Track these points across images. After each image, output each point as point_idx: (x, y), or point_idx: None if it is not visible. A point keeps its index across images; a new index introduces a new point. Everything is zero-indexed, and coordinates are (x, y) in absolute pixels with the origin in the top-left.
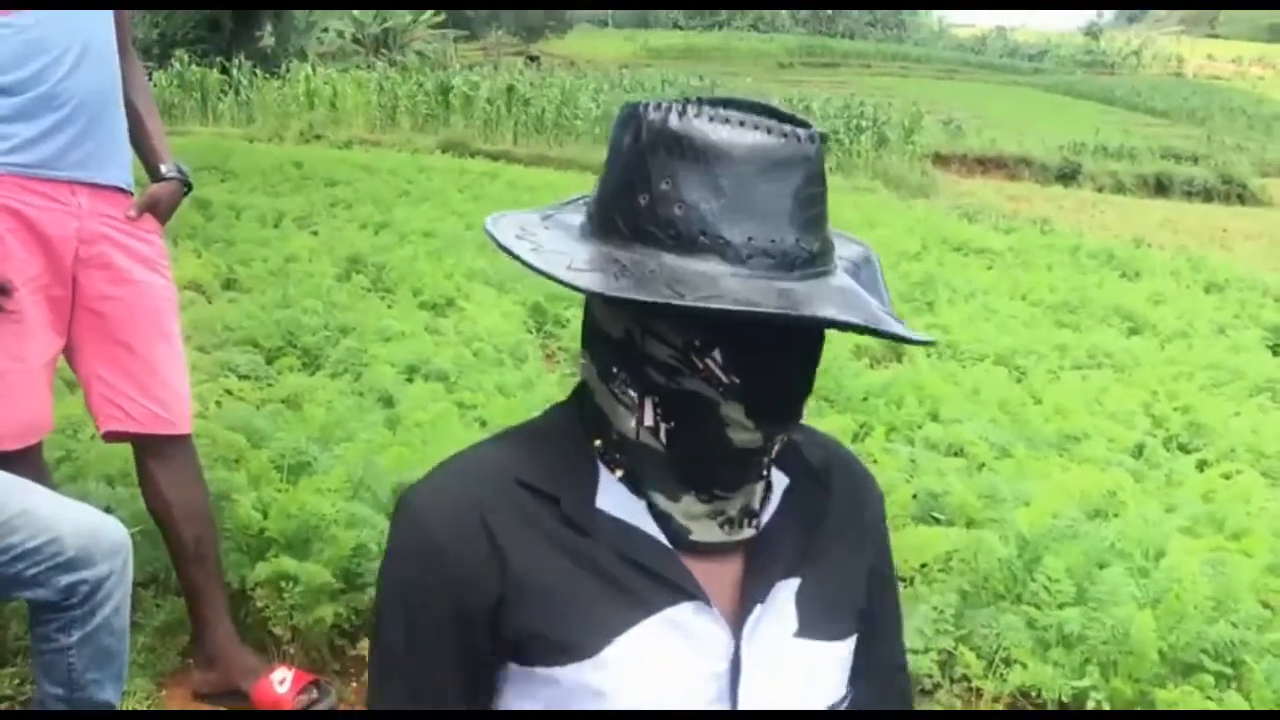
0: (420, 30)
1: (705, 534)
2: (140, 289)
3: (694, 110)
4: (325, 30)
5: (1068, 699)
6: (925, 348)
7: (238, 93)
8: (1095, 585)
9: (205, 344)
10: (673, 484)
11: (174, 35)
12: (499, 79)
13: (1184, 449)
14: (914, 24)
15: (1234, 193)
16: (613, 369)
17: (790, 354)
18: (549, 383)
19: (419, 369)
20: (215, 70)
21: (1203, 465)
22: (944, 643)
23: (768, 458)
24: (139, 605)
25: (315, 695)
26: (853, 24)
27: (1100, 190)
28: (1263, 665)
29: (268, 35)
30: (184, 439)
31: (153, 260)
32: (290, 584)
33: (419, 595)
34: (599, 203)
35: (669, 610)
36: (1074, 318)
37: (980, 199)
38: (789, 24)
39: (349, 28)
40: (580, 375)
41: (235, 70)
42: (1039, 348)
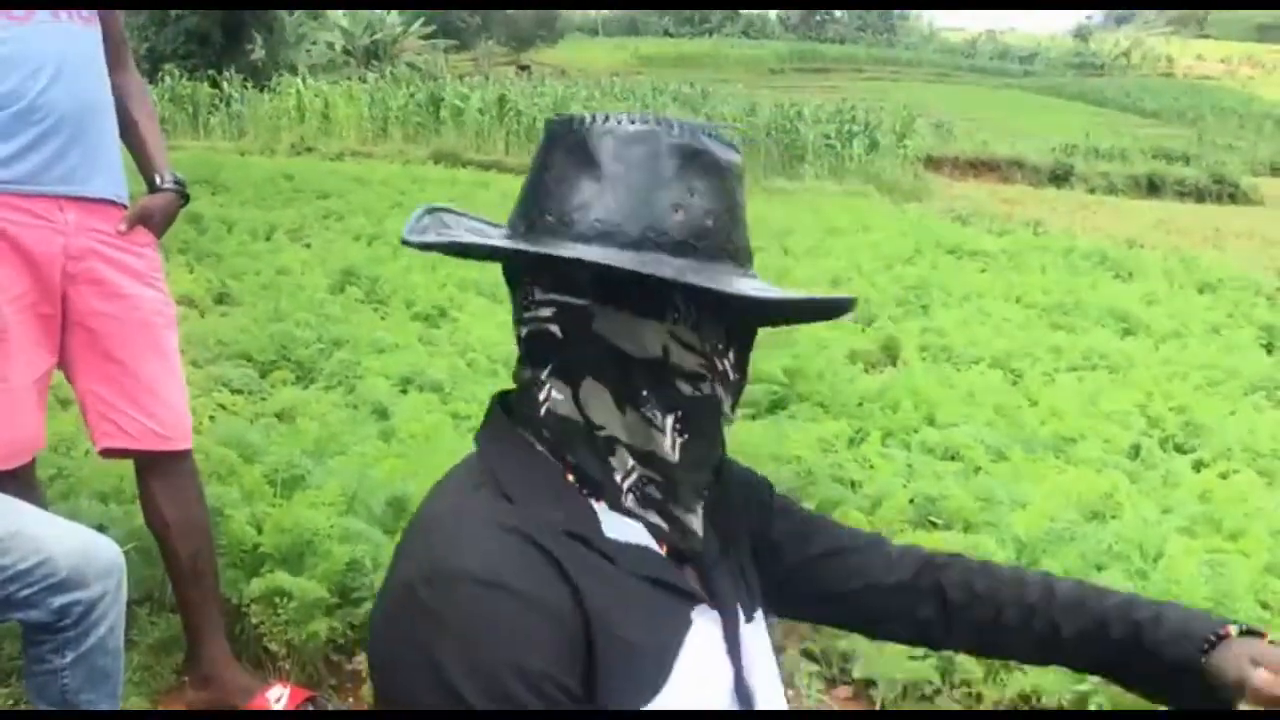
0: (410, 41)
1: (698, 528)
2: (132, 303)
3: (686, 129)
4: (315, 43)
5: (1068, 703)
6: (921, 352)
7: (229, 106)
8: None
9: (198, 358)
10: (691, 494)
11: (164, 50)
12: (490, 89)
13: (1180, 449)
14: (904, 28)
15: (1226, 192)
16: (642, 392)
17: (751, 346)
18: None
19: (413, 380)
20: (206, 84)
21: (1199, 465)
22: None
23: None
24: (134, 623)
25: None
26: (843, 29)
27: (1092, 191)
28: None
29: (258, 48)
30: (183, 455)
31: (145, 274)
32: (285, 599)
33: (526, 663)
34: (616, 215)
35: (694, 613)
36: (1068, 319)
37: (973, 202)
38: (779, 30)
39: (339, 40)
40: (562, 412)
41: (226, 84)
42: (1034, 350)
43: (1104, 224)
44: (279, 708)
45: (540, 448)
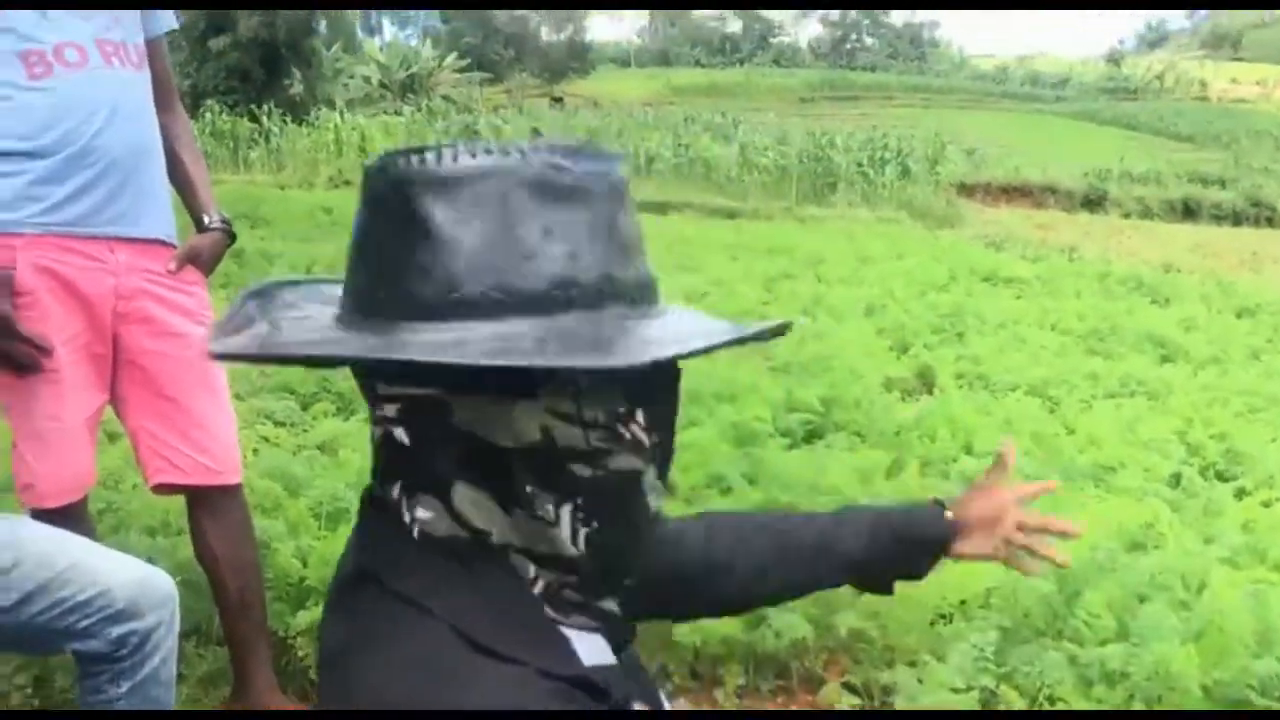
0: (445, 75)
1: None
2: (183, 341)
3: (537, 154)
4: (352, 77)
5: None
6: (957, 380)
7: (268, 141)
8: (1136, 620)
9: (241, 392)
10: (608, 583)
11: (205, 86)
12: (523, 120)
13: (1221, 477)
14: (935, 55)
15: (1263, 215)
16: (525, 489)
17: (676, 400)
18: None
19: None
20: (246, 119)
21: (1241, 493)
22: (985, 680)
23: None
24: (181, 656)
25: None
26: (873, 57)
27: (1127, 216)
28: None
29: (296, 83)
30: (233, 490)
31: (195, 312)
32: None
33: None
34: (456, 280)
35: None
36: (1105, 345)
37: (1006, 228)
38: (810, 59)
39: (375, 74)
40: (436, 534)
41: (265, 119)
42: (1070, 377)
43: (1139, 249)
44: None
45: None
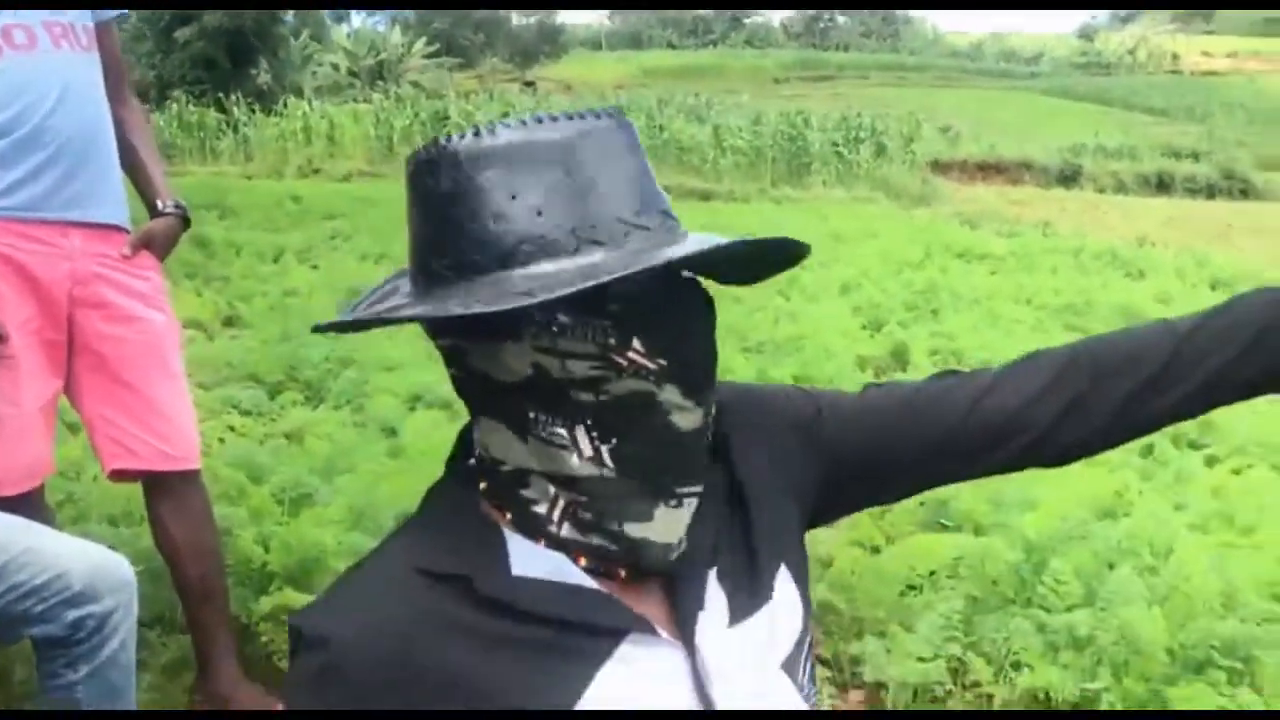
0: (414, 61)
1: (677, 547)
2: (139, 326)
3: (489, 127)
4: (320, 65)
5: (1079, 700)
6: (931, 356)
7: (236, 131)
8: (1104, 586)
9: (206, 381)
10: (639, 504)
11: (170, 77)
12: (494, 106)
13: (1193, 446)
14: (908, 33)
15: (1236, 188)
16: (530, 416)
17: (695, 319)
18: None
19: (422, 398)
20: (213, 110)
21: (1212, 461)
22: (954, 649)
23: (709, 435)
24: (144, 644)
25: None
26: (846, 36)
27: (1102, 191)
28: (1274, 659)
29: (264, 72)
30: (192, 476)
31: (150, 296)
32: None
33: None
34: (436, 250)
35: (616, 653)
36: (1080, 320)
37: (982, 205)
38: (783, 39)
39: (344, 61)
40: (478, 452)
41: (233, 109)
42: None
43: (1114, 223)
44: None
45: (477, 495)
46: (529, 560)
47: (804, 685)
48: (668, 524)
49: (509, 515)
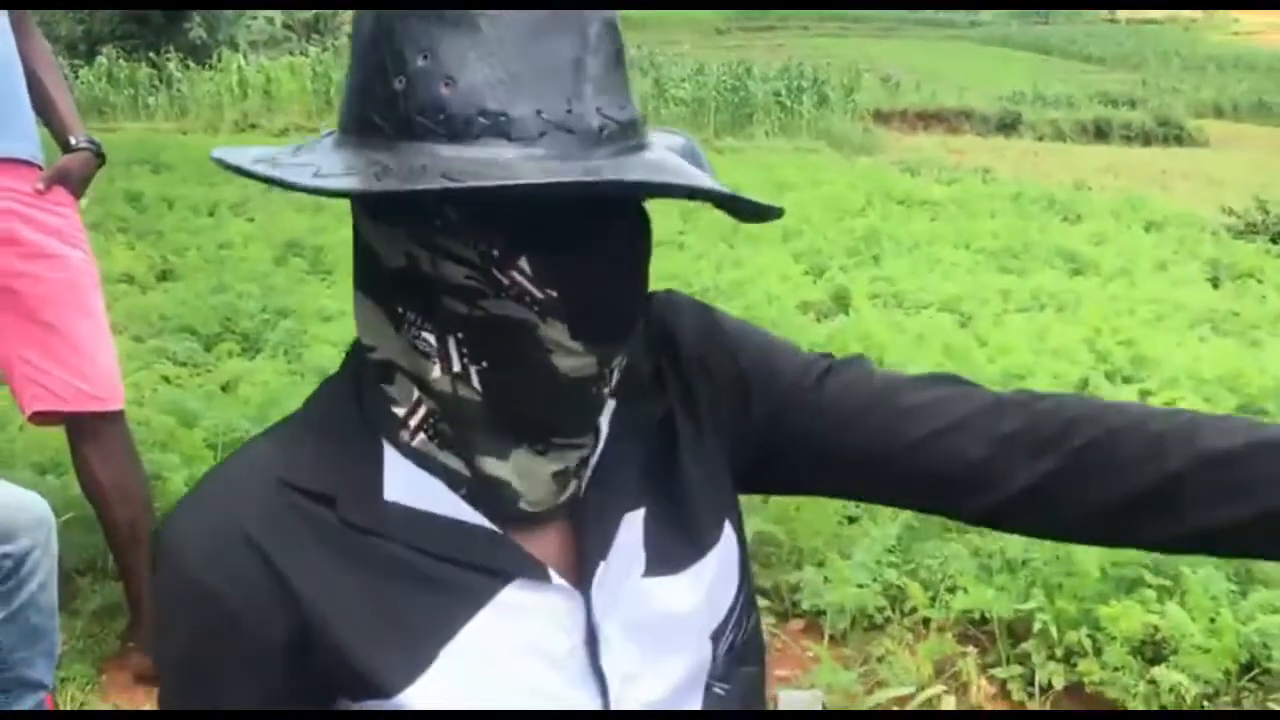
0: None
1: (537, 495)
2: (55, 263)
3: None
4: (255, 18)
5: (1011, 618)
6: (872, 300)
7: (169, 86)
8: None
9: (141, 333)
10: (499, 439)
11: (101, 31)
12: None
13: (1127, 380)
14: None
15: (1171, 135)
16: (399, 310)
17: (611, 254)
18: None
19: None
20: (144, 65)
21: (1145, 394)
22: (891, 576)
23: (606, 387)
24: (76, 591)
25: None
26: None
27: (1041, 139)
28: (1199, 575)
29: (197, 26)
30: (115, 417)
31: (67, 233)
32: None
33: (202, 651)
34: (347, 105)
35: (498, 597)
36: (1017, 262)
37: (923, 153)
38: None
39: (279, 14)
40: (357, 334)
41: (168, 63)
42: (983, 293)
43: (1052, 170)
44: None
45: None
46: (407, 484)
47: (719, 659)
48: (528, 469)
49: (364, 409)
